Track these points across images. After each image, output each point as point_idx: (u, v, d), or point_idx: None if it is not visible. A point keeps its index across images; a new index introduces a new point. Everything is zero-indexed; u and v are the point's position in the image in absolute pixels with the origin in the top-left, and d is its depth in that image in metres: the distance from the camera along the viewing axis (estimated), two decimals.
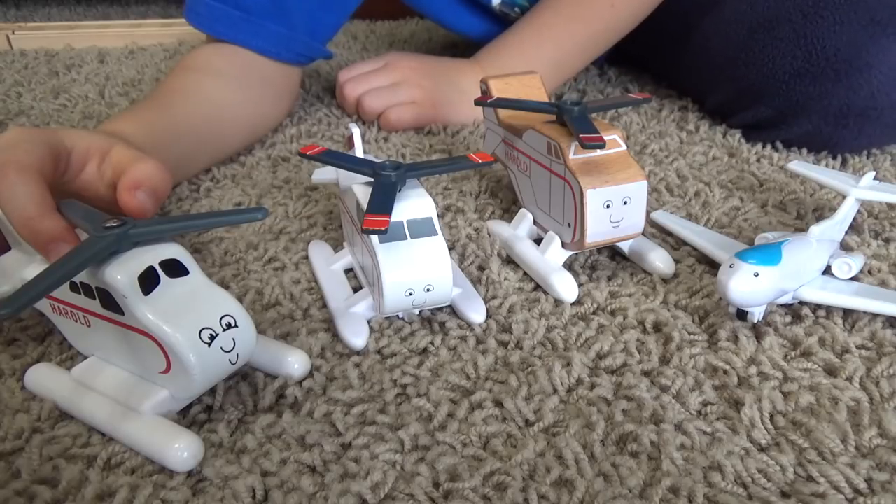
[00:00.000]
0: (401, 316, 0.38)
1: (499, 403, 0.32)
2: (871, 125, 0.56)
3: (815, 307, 0.38)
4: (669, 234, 0.47)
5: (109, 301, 0.29)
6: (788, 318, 0.38)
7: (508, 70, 0.66)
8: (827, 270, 0.40)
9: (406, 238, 0.35)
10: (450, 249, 0.44)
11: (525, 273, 0.42)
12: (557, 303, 0.40)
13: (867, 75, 0.54)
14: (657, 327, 0.37)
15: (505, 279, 0.42)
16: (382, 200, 0.34)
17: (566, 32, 0.67)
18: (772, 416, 0.31)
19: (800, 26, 0.57)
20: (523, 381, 0.33)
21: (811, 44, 0.56)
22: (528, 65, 0.66)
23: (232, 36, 0.60)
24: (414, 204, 0.35)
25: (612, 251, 0.45)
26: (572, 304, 0.39)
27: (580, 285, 0.41)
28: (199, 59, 0.59)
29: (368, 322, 0.37)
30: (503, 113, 0.48)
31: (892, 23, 0.53)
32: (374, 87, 0.67)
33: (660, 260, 0.42)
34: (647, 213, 0.44)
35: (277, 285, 0.41)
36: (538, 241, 0.43)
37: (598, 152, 0.39)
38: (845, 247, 0.44)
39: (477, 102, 0.46)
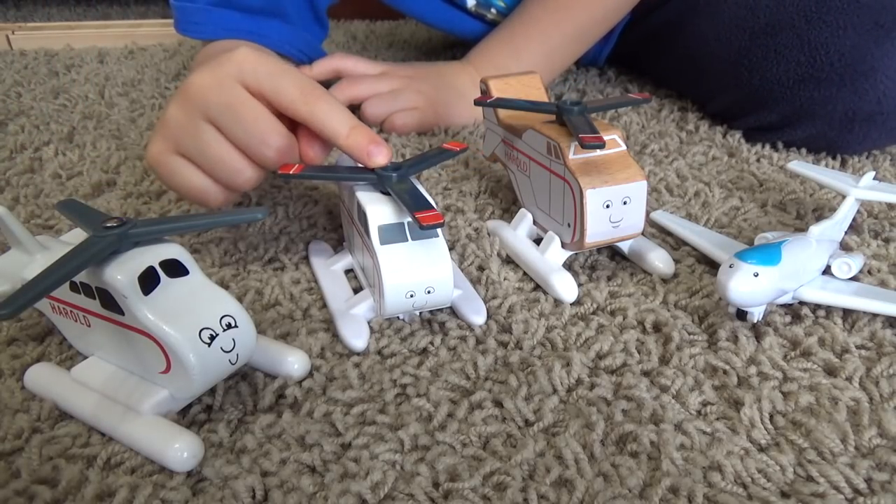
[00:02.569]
0: (401, 316, 0.38)
1: (498, 403, 0.32)
2: (877, 129, 0.56)
3: (815, 307, 0.38)
4: (669, 234, 0.47)
5: (109, 301, 0.29)
6: (788, 318, 0.38)
7: (501, 67, 0.66)
8: (827, 270, 0.40)
9: (407, 240, 0.35)
10: (450, 250, 0.44)
11: (525, 273, 0.42)
12: (557, 303, 0.40)
13: (873, 80, 0.54)
14: (657, 327, 0.37)
15: (505, 279, 0.42)
16: (417, 197, 0.34)
17: (554, 25, 0.67)
18: (771, 416, 0.31)
19: (802, 31, 0.56)
20: (523, 381, 0.33)
21: (814, 49, 0.56)
22: (519, 60, 0.67)
23: (239, 34, 0.60)
24: None
25: (612, 251, 0.45)
26: (572, 304, 0.39)
27: (580, 285, 0.41)
28: (229, 45, 0.59)
29: (368, 323, 0.37)
30: (503, 113, 0.48)
31: (895, 26, 0.53)
32: (375, 92, 0.66)
33: (660, 260, 0.42)
34: (647, 213, 0.44)
35: (277, 285, 0.41)
36: (538, 241, 0.43)
37: (598, 152, 0.39)
38: (845, 247, 0.44)
39: (477, 102, 0.46)
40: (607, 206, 0.38)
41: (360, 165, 0.39)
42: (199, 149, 0.37)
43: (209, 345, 0.28)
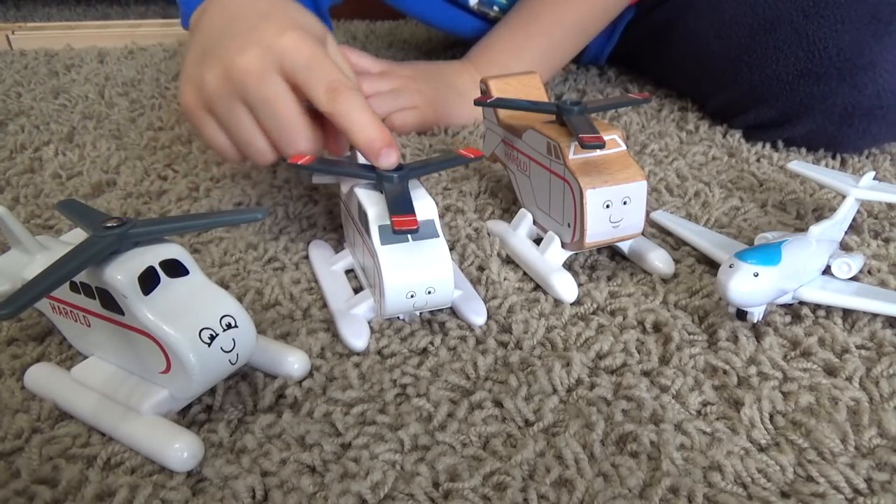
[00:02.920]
0: (401, 316, 0.38)
1: (498, 403, 0.32)
2: (877, 124, 0.56)
3: (815, 307, 0.38)
4: (669, 234, 0.47)
5: (109, 301, 0.29)
6: (788, 318, 0.38)
7: (501, 65, 0.66)
8: (827, 270, 0.40)
9: (407, 240, 0.35)
10: (450, 250, 0.44)
11: (525, 273, 0.42)
12: (557, 303, 0.40)
13: (872, 74, 0.54)
14: (657, 327, 0.37)
15: (505, 279, 0.42)
16: (401, 201, 0.34)
17: (554, 20, 0.67)
18: (771, 416, 0.31)
19: (801, 26, 0.57)
20: (523, 381, 0.33)
21: (813, 44, 0.56)
22: (519, 58, 0.67)
23: None
24: (416, 206, 0.35)
25: (612, 251, 0.45)
26: (572, 304, 0.39)
27: (580, 285, 0.41)
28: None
29: (369, 323, 0.37)
30: (503, 113, 0.48)
31: (893, 20, 0.53)
32: (375, 90, 0.66)
33: (659, 260, 0.42)
34: (647, 213, 0.44)
35: (277, 285, 0.41)
36: (538, 241, 0.43)
37: (598, 152, 0.39)
38: (845, 247, 0.44)
39: (477, 102, 0.46)
40: (607, 206, 0.38)
41: (369, 163, 0.39)
42: (230, 123, 0.40)
43: (209, 345, 0.28)
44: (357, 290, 0.40)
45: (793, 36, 0.57)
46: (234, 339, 0.29)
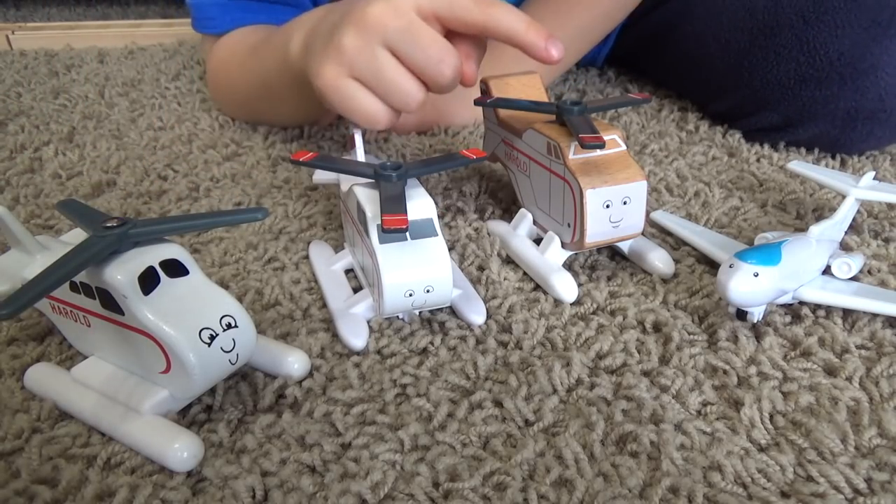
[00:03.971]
0: (401, 316, 0.38)
1: (498, 403, 0.32)
2: (881, 127, 0.56)
3: (815, 307, 0.38)
4: (669, 234, 0.47)
5: (109, 301, 0.29)
6: (788, 318, 0.38)
7: (504, 68, 0.66)
8: (827, 270, 0.40)
9: (406, 239, 0.35)
10: (450, 250, 0.44)
11: (525, 273, 0.42)
12: (557, 303, 0.40)
13: (873, 77, 0.54)
14: (657, 327, 0.37)
15: (505, 279, 0.42)
16: (395, 200, 0.34)
17: (556, 25, 0.66)
18: (771, 416, 0.31)
19: (801, 31, 0.57)
20: (523, 381, 0.33)
21: (814, 49, 0.56)
22: (520, 60, 0.66)
23: (257, 21, 0.60)
24: (415, 205, 0.35)
25: (612, 251, 0.45)
26: (572, 304, 0.39)
27: (580, 285, 0.41)
28: (258, 33, 0.61)
29: (368, 322, 0.37)
30: (503, 113, 0.48)
31: (893, 23, 0.53)
32: None
33: (660, 260, 0.42)
34: (647, 213, 0.44)
35: (277, 285, 0.41)
36: (538, 241, 0.43)
37: (598, 152, 0.39)
38: (845, 247, 0.44)
39: (477, 102, 0.46)
40: (607, 206, 0.38)
41: (367, 161, 0.39)
42: (374, 73, 0.41)
43: (209, 345, 0.28)
44: (357, 289, 0.40)
45: (793, 41, 0.57)
46: (234, 339, 0.29)
